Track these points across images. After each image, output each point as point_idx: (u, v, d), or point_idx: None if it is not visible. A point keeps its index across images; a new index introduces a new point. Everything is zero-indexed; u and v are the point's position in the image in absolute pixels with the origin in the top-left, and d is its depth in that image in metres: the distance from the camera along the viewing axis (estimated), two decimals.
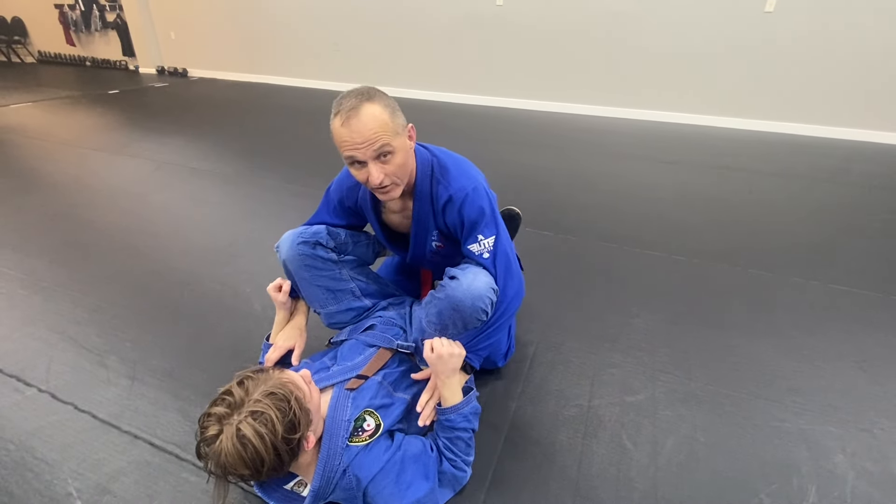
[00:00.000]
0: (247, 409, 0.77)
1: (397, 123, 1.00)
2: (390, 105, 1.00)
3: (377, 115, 0.96)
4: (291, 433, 0.80)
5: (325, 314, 1.31)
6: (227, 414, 0.77)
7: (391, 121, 0.98)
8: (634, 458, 1.15)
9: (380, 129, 0.96)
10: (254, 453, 0.75)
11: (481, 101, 5.40)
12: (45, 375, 1.39)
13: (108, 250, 2.12)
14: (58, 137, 3.94)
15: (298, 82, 6.54)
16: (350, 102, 0.96)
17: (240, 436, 0.74)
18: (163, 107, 5.24)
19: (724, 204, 2.67)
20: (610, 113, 4.86)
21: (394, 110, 1.00)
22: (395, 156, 1.01)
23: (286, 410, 0.79)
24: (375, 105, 0.96)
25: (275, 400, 0.79)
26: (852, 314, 1.69)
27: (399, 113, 1.03)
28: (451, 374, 1.06)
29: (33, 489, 1.06)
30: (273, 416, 0.77)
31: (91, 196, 2.74)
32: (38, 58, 8.71)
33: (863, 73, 3.89)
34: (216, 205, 2.65)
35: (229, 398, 0.79)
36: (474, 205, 1.11)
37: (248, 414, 0.76)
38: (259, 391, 0.79)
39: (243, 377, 0.83)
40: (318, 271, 1.24)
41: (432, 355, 1.04)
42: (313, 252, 1.22)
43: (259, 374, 0.84)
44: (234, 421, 0.76)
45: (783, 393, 1.34)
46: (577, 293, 1.82)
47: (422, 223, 1.20)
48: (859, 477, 1.10)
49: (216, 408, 0.78)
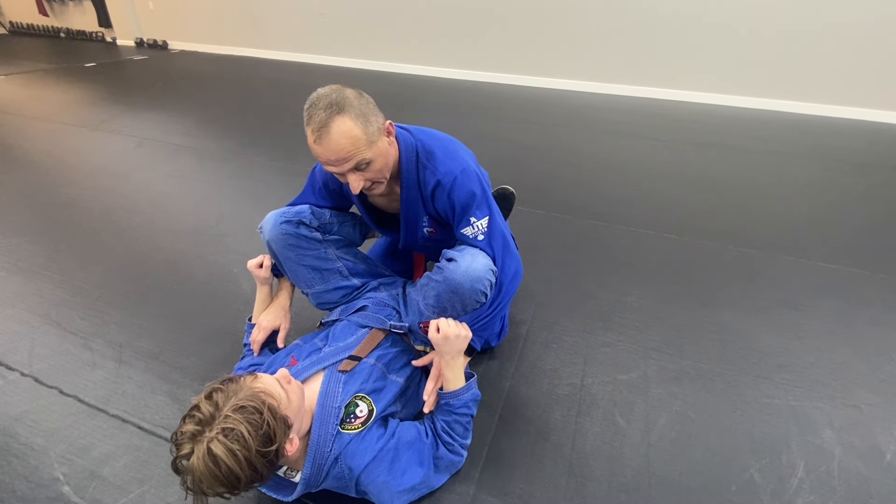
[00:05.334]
0: (217, 425, 0.73)
1: (371, 132, 0.95)
2: (363, 113, 0.95)
3: (348, 132, 0.92)
4: (267, 445, 0.76)
5: (313, 294, 1.29)
6: (199, 431, 0.73)
7: (364, 134, 0.94)
8: (627, 435, 1.16)
9: (352, 146, 0.93)
10: (228, 471, 0.72)
11: (473, 77, 5.29)
12: (28, 359, 1.36)
13: (89, 230, 2.06)
14: (33, 113, 3.79)
15: (283, 55, 6.33)
16: (319, 117, 0.91)
17: (211, 455, 0.71)
18: (143, 81, 5.05)
19: (716, 182, 2.66)
20: (602, 90, 4.79)
21: (366, 118, 0.95)
22: (374, 163, 0.99)
23: (258, 423, 0.75)
24: (346, 119, 0.92)
25: (246, 414, 0.75)
26: (841, 292, 1.70)
27: (373, 117, 0.97)
28: (457, 356, 1.04)
29: (18, 475, 1.04)
30: (245, 432, 0.73)
31: (70, 174, 2.65)
32: (10, 29, 8.32)
33: (855, 51, 3.86)
34: (201, 182, 2.58)
35: (198, 414, 0.75)
36: (464, 188, 1.07)
37: (218, 431, 0.72)
38: (229, 405, 0.75)
39: (212, 389, 0.78)
40: (302, 250, 1.21)
41: (438, 336, 1.00)
42: (297, 231, 1.19)
43: (229, 385, 0.80)
44: (205, 439, 0.72)
45: (773, 370, 1.35)
46: (570, 272, 1.81)
47: (411, 210, 1.16)
48: (846, 452, 1.12)
49: (186, 426, 0.74)
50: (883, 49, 3.80)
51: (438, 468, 1.00)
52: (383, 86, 4.86)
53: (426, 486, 0.97)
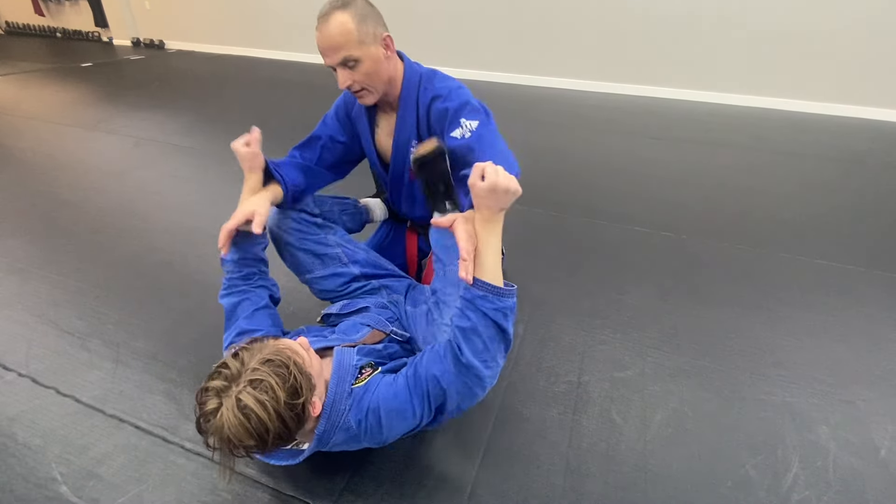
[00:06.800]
0: (245, 378, 0.74)
1: (365, 33, 1.01)
2: (361, 14, 1.01)
3: (342, 24, 0.99)
4: (294, 398, 0.77)
5: (312, 280, 1.26)
6: (226, 387, 0.74)
7: (357, 30, 1.00)
8: (624, 432, 1.16)
9: (343, 38, 1.00)
10: (258, 422, 0.73)
11: (473, 76, 5.28)
12: (25, 359, 1.36)
13: (86, 230, 2.06)
14: (29, 113, 3.78)
15: (280, 55, 6.32)
16: (325, 9, 1.00)
17: (241, 406, 0.72)
18: (139, 80, 5.04)
19: (713, 180, 2.66)
20: (601, 88, 4.79)
21: (363, 19, 1.01)
22: (362, 64, 1.04)
23: (286, 376, 0.77)
24: (345, 14, 0.99)
25: (273, 367, 0.77)
26: (837, 289, 1.71)
27: (371, 21, 1.03)
28: (499, 218, 0.85)
29: (16, 475, 1.04)
30: (273, 383, 0.75)
31: (67, 174, 2.64)
32: (6, 29, 8.29)
33: (855, 49, 3.87)
34: (198, 182, 2.58)
35: (225, 371, 0.76)
36: (460, 97, 1.13)
37: (246, 383, 0.74)
38: (255, 360, 0.77)
39: (238, 349, 0.80)
40: (302, 234, 1.21)
41: (484, 185, 0.79)
42: (298, 216, 1.21)
43: (254, 345, 0.82)
44: (234, 392, 0.73)
45: (769, 366, 1.36)
46: (567, 270, 1.81)
47: (403, 133, 1.20)
48: (841, 447, 1.12)
49: (213, 381, 0.75)
50: (883, 48, 3.81)
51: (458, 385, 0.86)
52: None
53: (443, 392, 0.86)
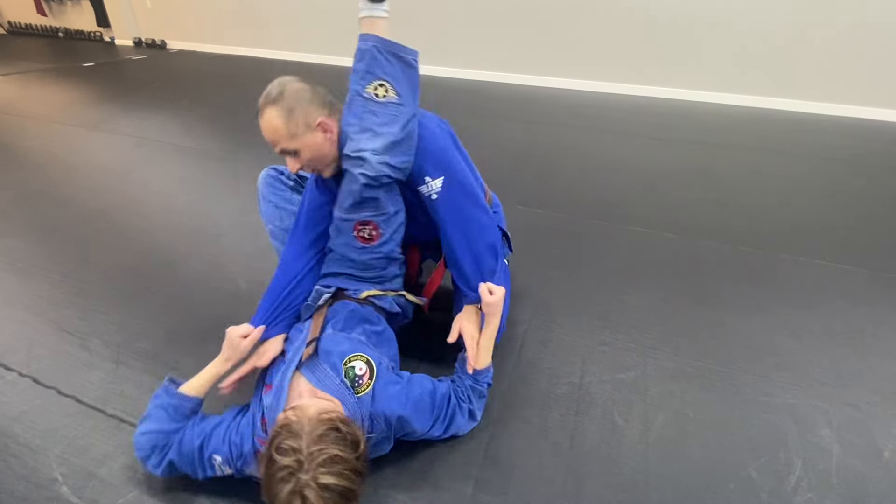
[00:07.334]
0: (314, 464, 0.75)
1: (294, 125, 1.03)
2: (289, 107, 1.02)
3: (269, 122, 1.03)
4: (357, 448, 0.80)
5: (270, 231, 1.42)
6: (295, 477, 0.74)
7: (285, 126, 1.03)
8: (626, 434, 1.16)
9: (274, 135, 1.04)
10: (345, 491, 0.75)
11: (474, 76, 5.28)
12: (26, 359, 1.36)
13: (88, 230, 2.06)
14: (31, 112, 3.78)
15: (282, 55, 6.32)
16: (260, 103, 1.04)
17: (323, 487, 0.73)
18: (141, 80, 5.05)
19: (715, 181, 2.66)
20: (602, 89, 4.78)
21: (291, 113, 1.02)
22: (302, 152, 1.07)
23: (341, 437, 0.79)
24: (273, 109, 1.02)
25: (329, 440, 0.78)
26: (840, 291, 1.70)
27: (300, 112, 1.03)
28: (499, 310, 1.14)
29: (17, 475, 1.04)
30: (338, 453, 0.76)
31: (69, 174, 2.65)
32: (8, 29, 8.30)
33: (855, 49, 3.86)
34: (200, 182, 2.58)
35: (287, 464, 0.75)
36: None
37: (318, 467, 0.74)
38: (310, 442, 0.77)
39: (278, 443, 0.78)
40: (273, 189, 1.42)
41: (494, 298, 1.09)
42: (277, 176, 1.43)
43: (289, 430, 0.80)
44: (309, 480, 0.73)
45: (771, 368, 1.35)
46: (568, 271, 1.81)
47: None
48: (844, 450, 1.12)
49: (279, 484, 0.75)
50: (883, 48, 3.79)
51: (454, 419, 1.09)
52: None
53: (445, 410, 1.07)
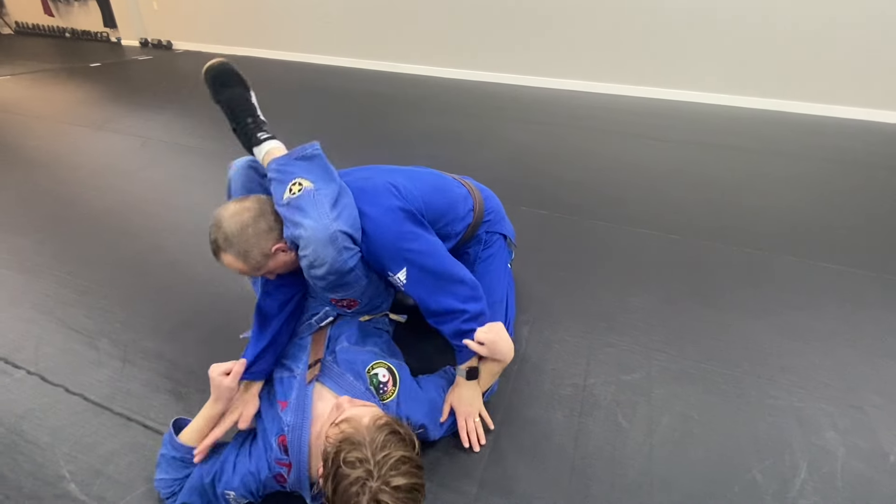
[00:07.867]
0: (385, 469, 0.75)
1: (255, 261, 1.05)
2: (243, 250, 1.02)
3: (233, 265, 1.06)
4: (414, 447, 0.82)
5: None
6: (368, 477, 0.75)
7: (246, 265, 1.05)
8: (630, 436, 1.16)
9: (240, 271, 1.07)
10: (415, 491, 0.77)
11: (476, 77, 5.29)
12: (34, 357, 1.37)
13: (94, 229, 2.07)
14: (38, 112, 3.81)
15: (286, 56, 6.34)
16: (211, 244, 1.05)
17: (398, 488, 0.74)
18: (147, 81, 5.07)
19: (718, 182, 2.65)
20: (604, 90, 4.78)
21: (247, 255, 1.03)
22: (271, 272, 1.11)
23: (401, 439, 0.80)
24: (229, 256, 1.04)
25: (393, 445, 0.79)
26: (844, 293, 1.70)
27: (256, 250, 1.03)
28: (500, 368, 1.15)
29: (25, 472, 1.05)
30: (403, 454, 0.78)
31: (75, 173, 2.66)
32: (16, 29, 8.35)
33: (856, 51, 3.84)
34: (205, 183, 2.59)
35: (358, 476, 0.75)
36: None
37: (388, 471, 0.75)
38: (370, 449, 0.78)
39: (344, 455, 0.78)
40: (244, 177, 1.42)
41: (485, 347, 1.06)
42: (253, 166, 1.43)
43: (348, 440, 0.80)
44: (380, 484, 0.74)
45: (776, 371, 1.35)
46: (572, 272, 1.81)
47: None
48: (849, 453, 1.11)
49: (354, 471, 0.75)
50: (884, 49, 3.78)
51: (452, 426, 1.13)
52: (386, 86, 4.87)
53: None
